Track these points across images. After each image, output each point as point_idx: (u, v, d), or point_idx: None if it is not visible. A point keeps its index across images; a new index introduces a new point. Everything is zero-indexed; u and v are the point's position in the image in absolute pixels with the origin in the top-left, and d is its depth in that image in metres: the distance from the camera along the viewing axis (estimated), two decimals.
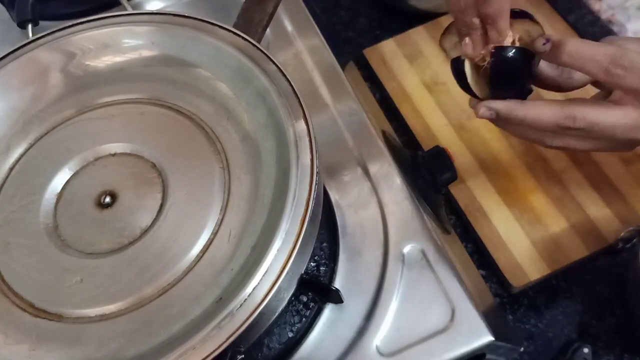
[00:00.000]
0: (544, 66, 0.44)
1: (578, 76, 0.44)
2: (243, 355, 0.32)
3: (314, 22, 0.57)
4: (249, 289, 0.32)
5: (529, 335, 0.53)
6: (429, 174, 0.49)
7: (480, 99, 0.44)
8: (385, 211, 0.45)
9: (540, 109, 0.41)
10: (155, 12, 0.46)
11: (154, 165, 0.40)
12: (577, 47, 0.39)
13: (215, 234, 0.37)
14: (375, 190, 0.46)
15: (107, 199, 0.39)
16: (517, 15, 0.43)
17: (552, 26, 0.66)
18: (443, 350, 0.40)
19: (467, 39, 0.43)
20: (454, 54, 0.45)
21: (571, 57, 0.39)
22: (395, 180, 0.47)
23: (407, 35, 0.69)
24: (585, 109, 0.40)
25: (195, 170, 0.40)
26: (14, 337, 0.35)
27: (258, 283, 0.32)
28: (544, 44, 0.40)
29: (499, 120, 0.43)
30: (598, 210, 0.55)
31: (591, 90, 0.46)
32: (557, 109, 0.40)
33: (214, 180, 0.39)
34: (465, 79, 0.44)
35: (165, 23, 0.44)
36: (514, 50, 0.42)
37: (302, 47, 0.56)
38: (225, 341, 0.31)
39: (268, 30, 0.47)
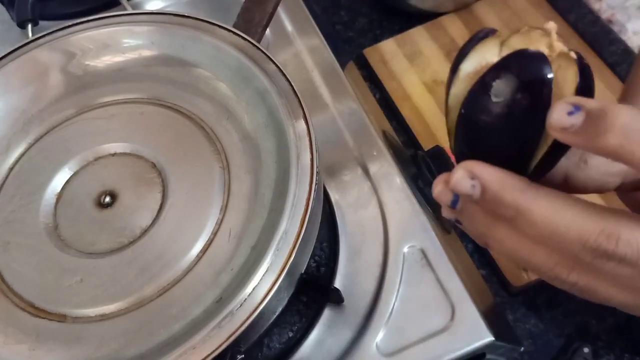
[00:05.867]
0: None
1: (599, 169, 0.25)
2: (243, 355, 0.32)
3: (314, 22, 0.57)
4: (249, 289, 0.32)
5: (529, 335, 0.53)
6: (429, 173, 0.49)
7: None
8: (385, 211, 0.45)
9: (561, 204, 0.22)
10: (155, 12, 0.46)
11: (154, 165, 0.40)
12: (637, 122, 0.20)
13: (215, 233, 0.37)
14: (375, 190, 0.46)
15: (107, 199, 0.39)
16: None
17: None
18: (443, 350, 0.39)
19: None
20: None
21: (626, 139, 0.20)
22: (395, 180, 0.47)
23: (407, 35, 0.68)
24: (638, 229, 0.22)
25: (195, 170, 0.40)
26: (14, 337, 0.35)
27: (258, 283, 0.32)
28: (569, 112, 0.21)
29: (468, 204, 0.25)
30: None
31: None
32: (590, 215, 0.22)
33: (214, 180, 0.39)
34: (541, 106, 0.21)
35: (165, 23, 0.44)
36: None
37: (302, 47, 0.56)
38: (225, 341, 0.31)
39: (268, 30, 0.47)
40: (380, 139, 0.49)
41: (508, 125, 0.22)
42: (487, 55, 0.23)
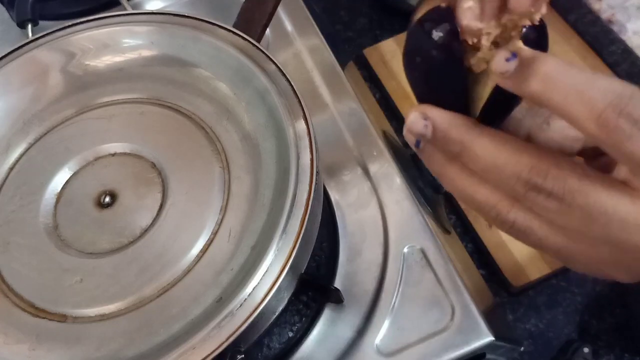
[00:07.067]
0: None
1: (561, 132, 0.27)
2: (243, 355, 0.32)
3: (314, 22, 0.57)
4: (249, 289, 0.32)
5: (529, 335, 0.53)
6: (429, 173, 0.49)
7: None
8: (385, 211, 0.45)
9: (502, 141, 0.25)
10: (154, 12, 0.46)
11: (153, 165, 0.40)
12: (559, 71, 0.23)
13: (215, 233, 0.37)
14: (375, 190, 0.46)
15: (107, 199, 0.39)
16: None
17: (551, 26, 0.66)
18: (443, 350, 0.39)
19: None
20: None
21: (546, 85, 0.23)
22: (395, 180, 0.47)
23: None
24: (569, 170, 0.24)
25: (195, 170, 0.40)
26: (14, 337, 0.35)
27: (258, 283, 0.32)
28: (507, 59, 0.23)
29: (426, 144, 0.27)
30: None
31: None
32: (526, 152, 0.24)
33: (214, 180, 0.39)
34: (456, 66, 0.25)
35: (164, 23, 0.44)
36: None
37: (302, 47, 0.56)
38: (225, 341, 0.31)
39: (268, 30, 0.47)
40: (380, 139, 0.49)
41: (433, 73, 0.25)
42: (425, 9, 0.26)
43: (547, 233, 0.25)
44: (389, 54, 0.68)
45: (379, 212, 0.45)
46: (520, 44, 0.24)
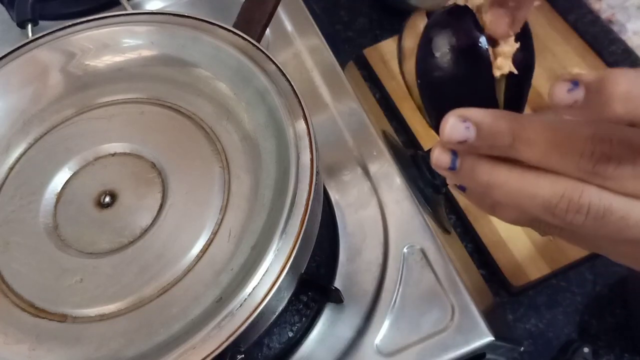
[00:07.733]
0: None
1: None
2: (243, 355, 0.32)
3: (314, 22, 0.57)
4: (249, 289, 0.32)
5: (529, 335, 0.53)
6: (429, 173, 0.49)
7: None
8: (385, 211, 0.45)
9: (552, 121, 0.23)
10: (155, 12, 0.46)
11: (153, 165, 0.40)
12: (637, 83, 0.20)
13: (215, 233, 0.37)
14: (375, 190, 0.46)
15: (107, 199, 0.39)
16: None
17: (552, 26, 0.66)
18: (443, 350, 0.39)
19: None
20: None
21: (632, 103, 0.20)
22: (395, 180, 0.47)
23: None
24: (630, 132, 0.21)
25: (195, 170, 0.40)
26: (14, 337, 0.35)
27: (258, 283, 0.32)
28: (569, 90, 0.21)
29: (464, 159, 0.25)
30: None
31: None
32: (580, 124, 0.22)
33: (214, 180, 0.39)
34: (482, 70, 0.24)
35: (165, 23, 0.44)
36: None
37: (302, 47, 0.56)
38: (225, 341, 0.31)
39: (268, 30, 0.47)
40: (380, 139, 0.49)
41: (459, 73, 0.24)
42: (419, 26, 0.25)
43: (627, 208, 0.22)
44: (389, 54, 0.68)
45: (379, 212, 0.45)
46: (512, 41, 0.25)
